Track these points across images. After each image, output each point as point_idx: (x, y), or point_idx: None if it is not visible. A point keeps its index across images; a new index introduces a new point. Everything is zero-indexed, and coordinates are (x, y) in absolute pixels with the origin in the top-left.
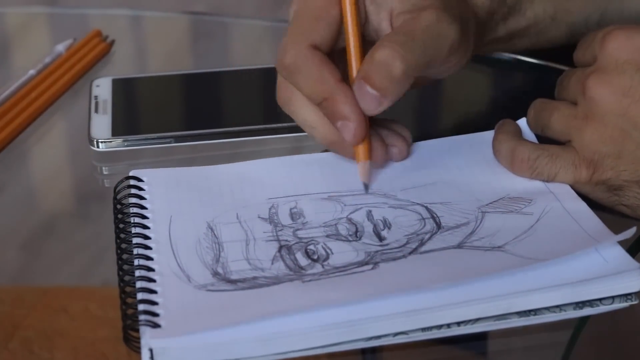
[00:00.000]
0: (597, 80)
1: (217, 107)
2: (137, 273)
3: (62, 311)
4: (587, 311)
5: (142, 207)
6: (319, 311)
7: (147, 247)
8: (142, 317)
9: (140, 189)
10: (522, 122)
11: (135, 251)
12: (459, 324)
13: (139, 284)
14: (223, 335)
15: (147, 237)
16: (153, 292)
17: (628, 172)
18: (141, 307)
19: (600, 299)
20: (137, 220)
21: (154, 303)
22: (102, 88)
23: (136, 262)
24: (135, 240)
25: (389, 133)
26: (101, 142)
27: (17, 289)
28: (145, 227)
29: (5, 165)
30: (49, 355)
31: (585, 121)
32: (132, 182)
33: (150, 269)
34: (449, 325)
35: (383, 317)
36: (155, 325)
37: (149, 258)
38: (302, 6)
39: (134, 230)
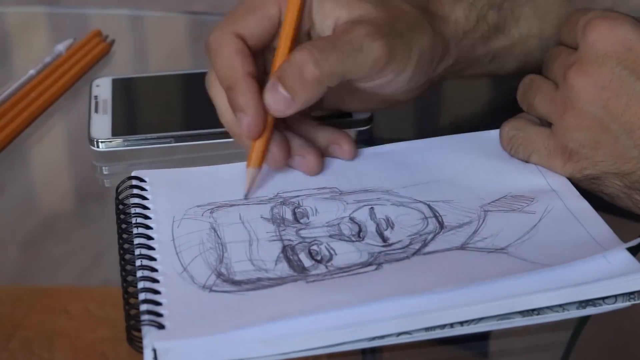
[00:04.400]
0: (577, 70)
1: None
2: (140, 273)
3: (62, 311)
4: (590, 310)
5: (145, 208)
6: (323, 313)
7: (151, 248)
8: (145, 317)
9: (143, 189)
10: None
11: (138, 251)
12: (462, 323)
13: (142, 284)
14: (227, 335)
15: (150, 238)
16: (157, 292)
17: (606, 164)
18: (144, 307)
19: (603, 298)
20: (140, 220)
21: (157, 303)
22: (102, 88)
23: (139, 262)
24: (138, 240)
25: (303, 144)
26: (101, 142)
27: (17, 289)
28: (148, 227)
29: (5, 165)
30: (49, 355)
31: (564, 108)
32: (134, 182)
33: (153, 269)
34: (452, 325)
35: (386, 318)
36: (159, 326)
37: (152, 258)
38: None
39: (136, 230)
